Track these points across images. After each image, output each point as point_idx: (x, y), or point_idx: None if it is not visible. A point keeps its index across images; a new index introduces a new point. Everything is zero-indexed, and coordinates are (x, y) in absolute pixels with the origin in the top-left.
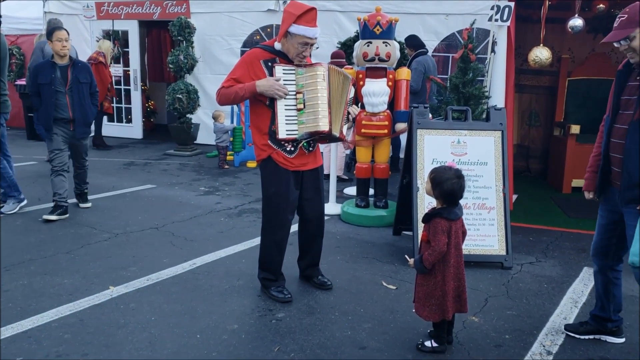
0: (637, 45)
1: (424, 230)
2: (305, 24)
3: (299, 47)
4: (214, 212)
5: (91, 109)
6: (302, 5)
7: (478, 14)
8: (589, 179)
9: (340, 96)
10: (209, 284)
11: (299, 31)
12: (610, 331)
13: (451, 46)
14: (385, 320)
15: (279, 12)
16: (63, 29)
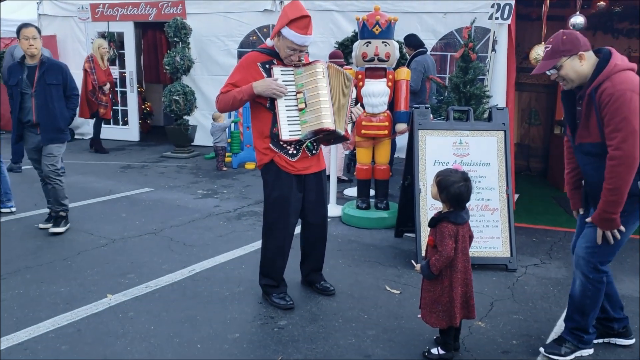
0: (565, 74)
1: (430, 235)
2: (297, 30)
3: (287, 51)
4: (213, 215)
5: (63, 113)
6: (299, 10)
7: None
8: (574, 198)
9: (342, 94)
10: (208, 291)
11: (288, 35)
12: (617, 333)
13: (449, 45)
14: (390, 326)
15: (275, 12)
16: (31, 26)
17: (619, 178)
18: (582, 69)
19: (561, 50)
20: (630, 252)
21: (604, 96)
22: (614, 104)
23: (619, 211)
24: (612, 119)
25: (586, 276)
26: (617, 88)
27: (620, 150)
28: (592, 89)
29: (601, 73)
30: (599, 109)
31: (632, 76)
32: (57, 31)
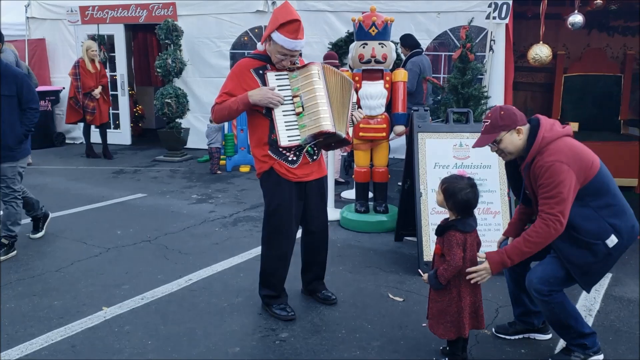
0: (505, 147)
1: (437, 243)
2: (287, 35)
3: (278, 56)
4: (208, 221)
5: (14, 129)
6: (289, 13)
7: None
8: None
9: (341, 96)
10: (206, 302)
11: (278, 40)
12: (537, 329)
13: (443, 45)
14: (395, 337)
15: (268, 13)
16: None
17: (543, 236)
18: (519, 143)
19: (500, 126)
20: (632, 253)
21: (537, 169)
22: (544, 174)
23: (517, 262)
24: (544, 187)
25: (543, 300)
26: (546, 160)
27: (551, 215)
28: (527, 165)
29: (532, 148)
30: (535, 182)
31: (560, 146)
32: (46, 34)
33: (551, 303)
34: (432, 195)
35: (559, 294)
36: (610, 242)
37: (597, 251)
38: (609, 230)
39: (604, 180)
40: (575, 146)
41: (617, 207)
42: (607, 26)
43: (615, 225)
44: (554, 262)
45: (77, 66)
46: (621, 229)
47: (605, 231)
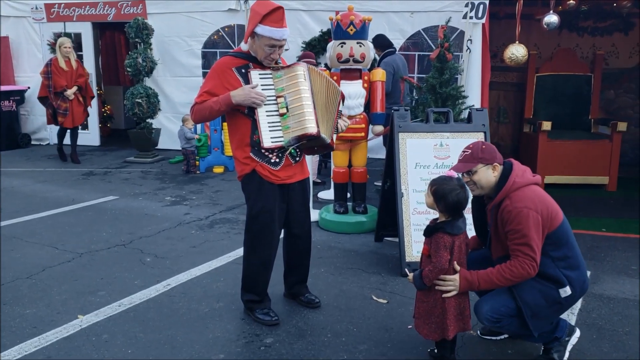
0: (478, 179)
1: (426, 244)
2: (272, 24)
3: (266, 50)
4: (184, 224)
5: None
6: (269, 4)
7: (443, 11)
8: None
9: (327, 100)
10: (186, 308)
11: (264, 32)
12: None
13: (417, 44)
14: (381, 340)
15: (240, 12)
16: None
17: (515, 276)
18: (493, 180)
19: (479, 157)
20: (609, 250)
21: (505, 214)
22: (514, 220)
23: (484, 288)
24: (515, 233)
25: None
26: (514, 206)
27: (526, 258)
28: (494, 206)
29: (502, 190)
30: (503, 226)
31: (529, 193)
32: (10, 32)
33: (503, 327)
34: (414, 196)
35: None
36: (563, 292)
37: (549, 296)
38: (564, 281)
39: (565, 232)
40: (543, 195)
41: (574, 260)
42: (577, 26)
43: (570, 278)
44: (506, 292)
45: (50, 64)
46: (575, 282)
47: (561, 282)
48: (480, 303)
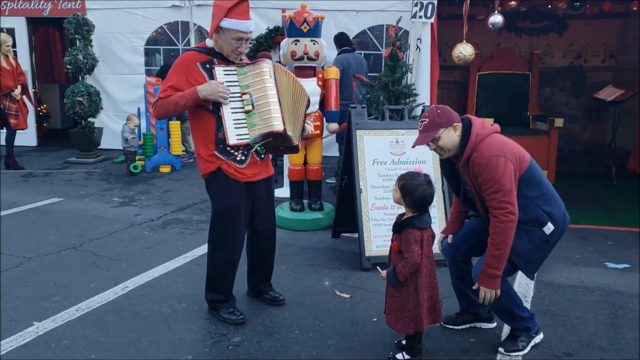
0: (444, 144)
1: (395, 240)
2: (238, 17)
3: (233, 43)
4: (135, 225)
5: None
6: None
7: (388, 11)
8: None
9: (293, 98)
10: (148, 310)
11: (231, 25)
12: (484, 318)
13: (363, 43)
14: (348, 334)
15: (184, 8)
16: None
17: (503, 233)
18: (457, 139)
19: (438, 123)
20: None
21: (474, 166)
22: (485, 170)
23: (502, 267)
24: (487, 183)
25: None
26: (483, 157)
27: (500, 209)
28: (464, 162)
29: (467, 146)
30: (476, 178)
31: (493, 141)
32: None
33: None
34: (372, 191)
35: (504, 283)
36: (547, 229)
37: (536, 239)
38: (545, 218)
39: (535, 171)
40: (506, 141)
41: (549, 196)
42: (515, 27)
43: (550, 213)
44: None
45: None
46: (555, 217)
47: (542, 219)
48: (475, 271)
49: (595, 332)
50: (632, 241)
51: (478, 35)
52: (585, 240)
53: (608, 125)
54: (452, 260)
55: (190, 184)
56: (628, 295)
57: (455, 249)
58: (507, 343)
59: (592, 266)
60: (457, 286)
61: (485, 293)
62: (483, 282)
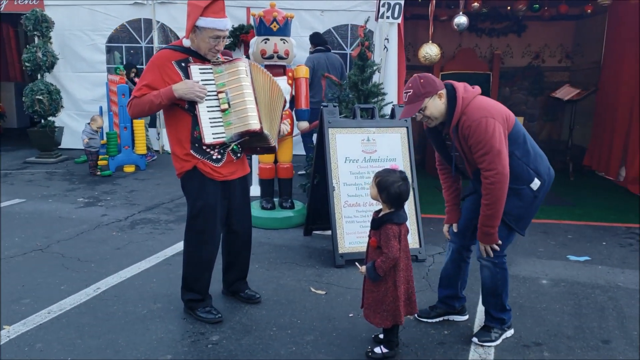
0: (430, 113)
1: (373, 237)
2: (214, 15)
3: (210, 42)
4: (102, 225)
5: None
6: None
7: (352, 11)
8: (450, 213)
9: (270, 98)
10: (123, 311)
11: (207, 24)
12: (457, 311)
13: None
14: (326, 329)
15: (147, 6)
16: None
17: (494, 193)
18: (443, 107)
19: (423, 93)
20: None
21: (465, 129)
22: (475, 132)
23: (496, 225)
24: (477, 145)
25: (493, 262)
26: (472, 119)
27: (491, 170)
28: (454, 127)
29: (455, 110)
30: (466, 141)
31: (479, 103)
32: None
33: (497, 267)
34: (345, 189)
35: (505, 262)
36: (534, 185)
37: (524, 195)
38: (532, 174)
39: (520, 130)
40: (491, 102)
41: (534, 152)
42: (476, 27)
43: (536, 169)
44: None
45: None
46: (541, 172)
47: (529, 176)
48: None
49: (561, 322)
50: (591, 234)
51: (441, 36)
52: (547, 234)
53: (565, 124)
54: (458, 247)
55: (155, 183)
56: (590, 286)
57: (462, 236)
58: (480, 333)
59: (555, 259)
60: (450, 274)
61: (484, 247)
62: (482, 238)
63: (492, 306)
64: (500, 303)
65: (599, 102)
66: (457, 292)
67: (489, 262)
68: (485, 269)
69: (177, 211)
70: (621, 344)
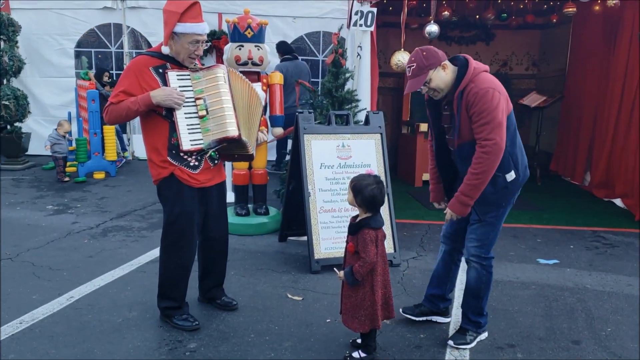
0: (436, 85)
1: (350, 242)
2: (192, 20)
3: (189, 47)
4: (74, 233)
5: None
6: (183, 2)
7: (324, 17)
8: (434, 191)
9: (249, 104)
10: (97, 320)
11: (186, 29)
12: (440, 312)
13: (300, 49)
14: (303, 335)
15: (117, 10)
16: None
17: (486, 163)
18: (447, 78)
19: (426, 66)
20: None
21: (471, 96)
22: (480, 100)
23: (475, 197)
24: (480, 114)
25: (481, 264)
26: (480, 87)
27: (489, 140)
28: (459, 92)
29: (464, 77)
30: (468, 108)
31: (489, 76)
32: None
33: (484, 269)
34: (320, 195)
35: (492, 265)
36: (509, 176)
37: (497, 183)
38: (510, 165)
39: (513, 120)
40: (498, 81)
41: (519, 147)
42: (446, 36)
43: (516, 162)
44: (477, 227)
45: None
46: (519, 167)
47: (508, 166)
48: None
49: (533, 324)
50: (559, 238)
51: (412, 44)
52: (517, 238)
53: (532, 130)
54: (450, 249)
55: (127, 190)
56: (559, 288)
57: (454, 239)
58: (456, 336)
59: (526, 262)
60: (440, 274)
61: (451, 215)
62: (454, 206)
63: (471, 309)
64: (479, 306)
65: (564, 109)
66: (444, 293)
67: (478, 263)
68: (472, 269)
69: (150, 218)
70: (590, 344)
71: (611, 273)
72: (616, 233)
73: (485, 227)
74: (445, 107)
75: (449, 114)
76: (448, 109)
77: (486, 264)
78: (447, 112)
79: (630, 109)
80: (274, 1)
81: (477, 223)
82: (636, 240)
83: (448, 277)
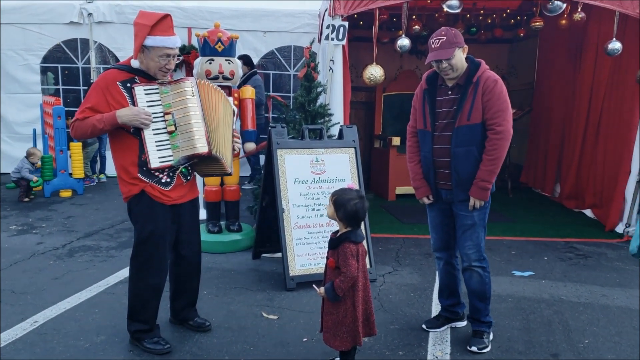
0: (455, 63)
1: (331, 257)
2: (162, 34)
3: (160, 61)
4: (38, 254)
5: None
6: (154, 14)
7: (295, 32)
8: (422, 186)
9: (219, 115)
10: (63, 345)
11: (156, 43)
12: (460, 317)
13: (271, 63)
14: (280, 355)
15: (83, 25)
16: None
17: (500, 149)
18: (464, 62)
19: (455, 42)
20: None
21: (489, 81)
22: (496, 88)
23: (492, 181)
24: (497, 100)
25: (482, 267)
26: (494, 78)
27: (503, 126)
28: (478, 77)
29: (480, 66)
30: (483, 94)
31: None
32: None
33: (486, 272)
34: (294, 210)
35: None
36: None
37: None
38: None
39: None
40: None
41: None
42: (416, 50)
43: None
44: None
45: None
46: None
47: None
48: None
49: (511, 337)
50: (533, 249)
51: (382, 58)
52: (491, 250)
53: None
54: (446, 258)
55: (94, 208)
56: (536, 300)
57: (446, 248)
58: (475, 341)
59: (501, 275)
60: (448, 284)
61: (475, 202)
62: (475, 193)
63: (480, 312)
64: (487, 307)
65: (533, 121)
66: (458, 299)
67: (480, 267)
68: (475, 274)
69: (119, 237)
70: (569, 356)
71: (585, 284)
72: (588, 244)
73: (476, 229)
74: (450, 91)
75: (456, 97)
76: (456, 93)
77: (485, 265)
78: (454, 96)
79: (597, 121)
80: (244, 16)
81: (470, 229)
82: (607, 251)
83: (456, 283)
